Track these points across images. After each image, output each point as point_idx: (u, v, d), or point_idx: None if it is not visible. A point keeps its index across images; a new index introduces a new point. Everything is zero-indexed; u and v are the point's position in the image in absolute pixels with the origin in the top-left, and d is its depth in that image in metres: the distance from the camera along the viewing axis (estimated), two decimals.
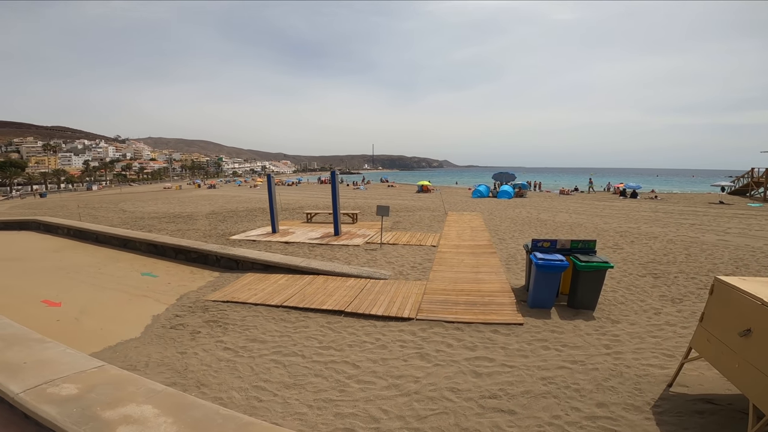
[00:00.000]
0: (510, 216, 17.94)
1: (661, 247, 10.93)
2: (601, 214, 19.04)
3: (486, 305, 6.35)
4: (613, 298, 6.79)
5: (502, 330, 5.49)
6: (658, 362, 4.49)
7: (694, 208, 22.05)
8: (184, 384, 4.22)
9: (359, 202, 25.89)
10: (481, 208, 21.89)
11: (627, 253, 10.14)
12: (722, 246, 11.05)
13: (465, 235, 12.58)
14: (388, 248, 10.89)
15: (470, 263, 9.00)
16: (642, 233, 13.17)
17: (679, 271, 8.50)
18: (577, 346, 5.00)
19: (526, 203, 24.94)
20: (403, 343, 5.19)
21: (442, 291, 7.11)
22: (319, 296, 6.95)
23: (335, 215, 12.75)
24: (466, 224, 14.89)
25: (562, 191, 36.72)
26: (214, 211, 22.40)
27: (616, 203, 25.14)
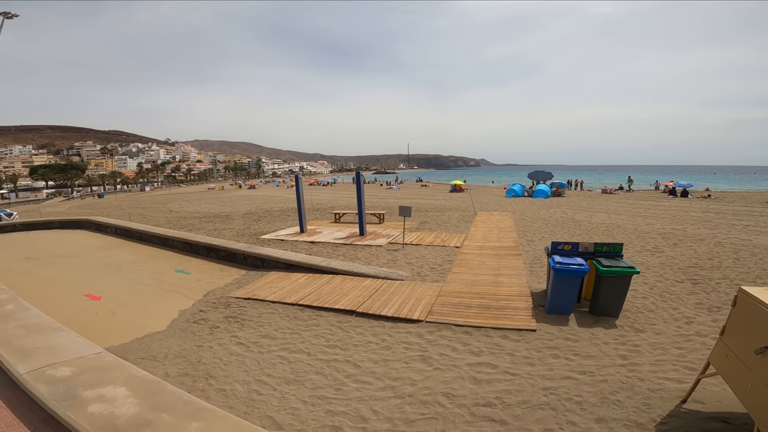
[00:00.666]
0: (543, 216, 17.28)
1: (707, 250, 10.12)
2: (644, 214, 17.90)
3: (500, 309, 6.16)
4: (642, 305, 6.36)
5: (513, 336, 5.31)
6: (677, 376, 4.16)
7: (751, 207, 20.23)
8: (195, 375, 4.47)
9: (390, 202, 25.92)
10: (513, 208, 21.25)
11: (667, 257, 9.47)
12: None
13: (491, 236, 12.26)
14: (411, 249, 10.84)
15: (491, 265, 8.76)
16: (687, 235, 12.25)
17: (723, 276, 7.83)
18: (591, 355, 4.73)
19: (562, 203, 23.91)
20: (408, 345, 5.17)
21: (457, 293, 6.97)
22: (334, 296, 7.06)
23: (360, 215, 12.84)
24: (494, 225, 14.51)
25: (604, 190, 34.90)
26: (251, 211, 23.26)
27: (664, 203, 23.54)
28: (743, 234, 12.38)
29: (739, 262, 8.85)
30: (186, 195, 49.65)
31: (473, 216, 17.45)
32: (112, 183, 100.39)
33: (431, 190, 41.29)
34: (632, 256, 9.69)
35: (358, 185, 12.87)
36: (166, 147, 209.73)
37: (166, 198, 44.16)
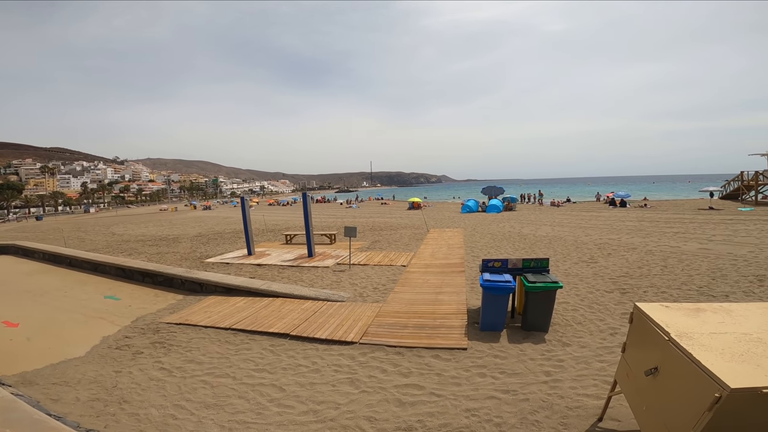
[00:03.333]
0: (492, 231, 17.71)
1: (638, 259, 10.67)
2: (585, 225, 18.80)
3: (435, 328, 6.11)
4: (572, 318, 6.51)
5: (444, 355, 5.26)
6: (596, 392, 4.19)
7: (682, 215, 21.80)
8: (107, 400, 4.41)
9: (347, 222, 25.72)
10: (466, 223, 21.68)
11: (600, 267, 9.88)
12: (702, 255, 10.77)
13: (439, 253, 12.34)
14: (358, 269, 10.70)
15: (434, 283, 8.75)
16: (621, 245, 12.91)
17: (650, 285, 8.22)
18: (516, 373, 4.73)
19: (512, 217, 24.72)
20: (339, 367, 5.06)
21: (395, 314, 6.89)
22: (270, 319, 6.92)
23: (308, 237, 12.60)
24: (444, 242, 14.66)
25: (553, 203, 36.53)
26: (201, 233, 22.39)
27: (604, 213, 24.92)
28: (673, 241, 13.21)
29: (666, 270, 9.36)
30: (134, 217, 47.00)
31: (426, 233, 17.59)
32: (53, 204, 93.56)
33: (390, 208, 41.50)
34: (569, 267, 10.04)
35: (305, 206, 12.64)
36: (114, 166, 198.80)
37: (112, 220, 41.61)
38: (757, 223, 17.66)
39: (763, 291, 7.44)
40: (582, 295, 7.66)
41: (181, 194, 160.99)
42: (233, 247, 15.71)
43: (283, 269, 11.16)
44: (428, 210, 34.85)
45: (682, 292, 7.61)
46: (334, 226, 21.92)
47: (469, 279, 9.14)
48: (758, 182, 28.43)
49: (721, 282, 8.17)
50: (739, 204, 27.94)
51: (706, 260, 10.16)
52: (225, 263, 12.22)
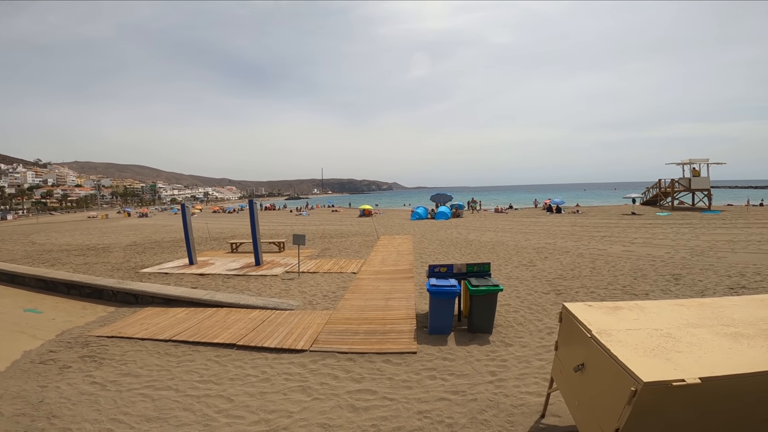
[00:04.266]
0: (440, 238, 18.25)
1: (571, 261, 11.50)
2: (525, 231, 19.96)
3: (385, 334, 6.18)
4: (513, 319, 6.87)
5: (395, 360, 5.34)
6: (537, 389, 4.43)
7: (609, 220, 23.84)
8: (34, 415, 4.15)
9: (296, 229, 25.24)
10: (415, 230, 22.14)
11: (538, 270, 10.53)
12: (626, 257, 11.84)
13: (389, 260, 12.50)
14: (307, 277, 10.57)
15: (384, 289, 8.85)
16: (557, 248, 13.86)
17: (581, 285, 8.89)
18: (464, 374, 4.90)
19: (459, 224, 25.64)
20: (289, 375, 4.98)
21: (346, 320, 6.89)
22: (215, 329, 6.65)
23: (255, 245, 12.22)
24: (394, 248, 14.87)
25: (497, 210, 38.35)
26: (136, 242, 20.91)
27: (542, 219, 26.62)
28: (600, 244, 14.41)
29: (595, 271, 10.18)
30: (58, 225, 42.76)
31: (376, 240, 17.73)
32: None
33: (341, 216, 41.32)
34: (510, 271, 10.60)
35: (251, 213, 12.26)
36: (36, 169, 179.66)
37: (32, 228, 37.60)
38: (672, 226, 19.75)
39: (678, 289, 8.30)
40: (522, 297, 8.12)
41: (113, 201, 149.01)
42: (173, 257, 14.87)
43: (229, 278, 10.76)
44: (379, 217, 35.16)
45: (609, 292, 8.31)
46: (284, 234, 21.44)
47: (418, 284, 9.35)
48: (674, 189, 31.84)
49: (641, 281, 9.02)
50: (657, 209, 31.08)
51: (629, 261, 11.19)
52: (164, 273, 11.54)
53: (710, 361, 2.31)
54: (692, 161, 31.39)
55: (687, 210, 30.04)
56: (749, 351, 2.39)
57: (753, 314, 2.93)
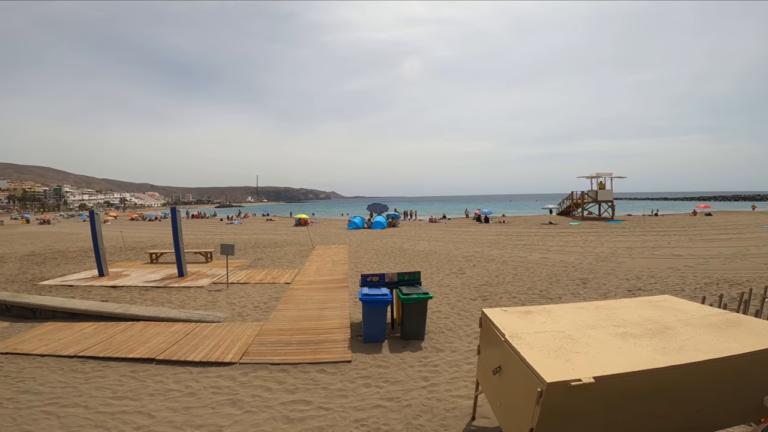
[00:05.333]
0: (375, 247, 18.47)
1: (496, 269, 12.27)
2: (456, 240, 20.92)
3: (319, 344, 6.14)
4: (444, 325, 7.15)
5: (329, 369, 5.32)
6: (467, 392, 4.62)
7: (529, 229, 25.83)
8: None
9: (226, 239, 23.98)
10: (351, 240, 22.18)
11: (467, 278, 11.08)
12: (543, 264, 12.90)
13: (324, 269, 12.38)
14: (237, 288, 10.11)
15: (318, 299, 8.75)
16: (484, 256, 14.71)
17: (504, 291, 9.51)
18: (398, 380, 5.00)
19: (395, 233, 26.16)
20: (218, 389, 4.77)
21: (278, 331, 6.72)
22: (130, 344, 6.19)
23: (178, 255, 11.42)
24: (329, 258, 14.76)
25: (431, 219, 39.72)
26: (35, 251, 18.54)
27: (472, 228, 28.10)
28: (522, 252, 15.55)
29: (517, 277, 10.95)
30: None
31: (311, 250, 17.46)
32: None
33: (276, 225, 40.05)
34: (442, 278, 11.04)
35: (173, 221, 11.46)
36: None
37: None
38: (582, 234, 21.91)
39: (586, 292, 9.21)
40: (452, 304, 8.49)
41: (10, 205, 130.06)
42: (79, 268, 13.42)
43: (147, 291, 9.97)
44: (315, 227, 34.66)
45: (528, 296, 8.99)
46: (212, 244, 20.25)
47: (353, 294, 9.36)
48: (584, 201, 35.39)
49: (556, 286, 9.89)
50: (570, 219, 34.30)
51: (545, 268, 12.21)
52: (68, 286, 10.43)
53: (603, 361, 2.47)
54: (599, 175, 35.22)
55: (594, 219, 33.55)
56: (636, 350, 2.65)
57: (640, 315, 3.30)
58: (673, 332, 2.90)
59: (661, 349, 2.65)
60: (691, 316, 3.21)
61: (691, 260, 12.77)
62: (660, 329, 2.96)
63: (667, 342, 2.75)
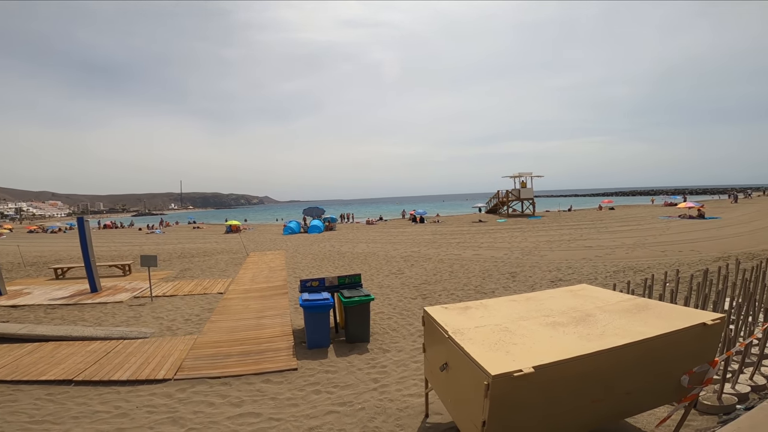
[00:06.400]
0: (313, 251, 18.18)
1: (433, 267, 12.68)
2: (393, 241, 21.29)
3: (261, 353, 5.92)
4: (387, 325, 7.23)
5: (275, 378, 5.16)
6: (417, 390, 4.66)
7: (462, 228, 27.11)
8: None
9: (148, 249, 22.02)
10: (288, 245, 21.58)
11: (406, 277, 11.32)
12: (476, 260, 13.58)
13: (260, 277, 11.90)
14: (163, 301, 9.37)
15: (256, 308, 8.41)
16: (421, 256, 15.14)
17: (443, 288, 9.85)
18: (348, 384, 4.97)
19: (332, 236, 25.95)
20: (153, 408, 4.44)
21: (215, 344, 6.37)
22: (40, 366, 5.58)
23: (89, 268, 10.29)
24: (265, 265, 14.22)
25: (368, 222, 40.00)
26: None
27: (408, 229, 28.79)
28: (456, 250, 16.25)
29: (453, 275, 11.40)
30: None
31: (245, 257, 16.68)
32: None
33: (204, 233, 37.58)
34: (382, 280, 11.17)
35: (81, 233, 10.28)
36: None
37: None
38: (508, 231, 23.49)
39: (516, 285, 9.84)
40: (394, 304, 8.61)
41: None
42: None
43: (54, 309, 8.93)
44: (249, 233, 33.16)
45: (465, 292, 9.41)
46: (130, 255, 18.46)
47: (293, 300, 9.11)
48: (508, 199, 37.95)
49: (488, 280, 10.46)
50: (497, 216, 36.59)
51: (478, 264, 12.88)
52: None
53: (538, 351, 2.58)
54: (520, 174, 38.01)
55: (518, 216, 36.17)
56: (564, 338, 2.82)
57: (565, 304, 3.56)
58: (593, 319, 3.13)
59: (586, 335, 2.82)
60: (607, 303, 3.50)
61: (601, 251, 14.26)
62: (582, 317, 3.19)
63: (590, 329, 2.93)
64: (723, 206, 37.05)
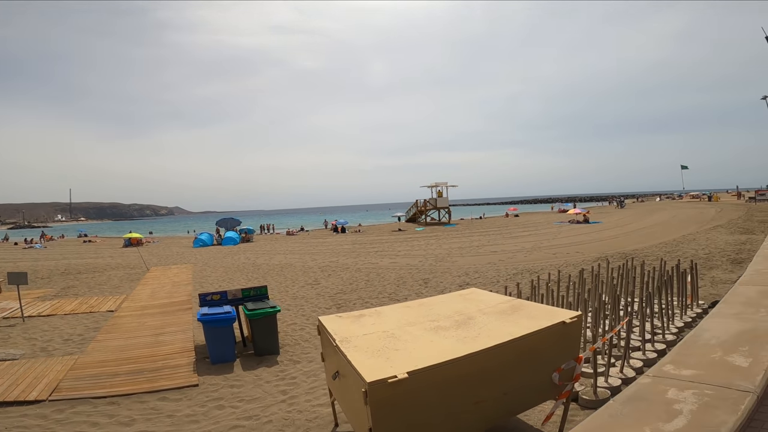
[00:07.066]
0: (226, 264, 17.24)
1: (350, 276, 12.77)
2: (313, 251, 21.03)
3: (157, 371, 5.57)
4: (300, 336, 7.12)
5: (173, 396, 4.86)
6: (327, 400, 4.54)
7: (382, 237, 27.72)
8: None
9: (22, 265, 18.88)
10: (198, 258, 20.18)
11: (322, 287, 11.24)
12: (392, 268, 13.96)
13: (161, 292, 10.99)
14: (38, 321, 8.39)
15: (154, 325, 7.86)
16: (339, 265, 15.16)
17: (358, 297, 9.94)
18: (255, 398, 4.82)
19: (249, 248, 24.83)
20: (25, 429, 4.10)
21: (100, 363, 5.87)
22: None
23: None
24: (168, 279, 13.15)
25: (288, 232, 38.95)
26: None
27: (329, 239, 28.65)
28: (374, 259, 16.56)
29: (369, 283, 11.57)
30: None
31: (145, 273, 15.20)
32: None
33: (97, 247, 33.37)
34: (297, 290, 10.97)
35: None
36: None
37: None
38: (425, 239, 24.56)
39: (427, 290, 10.22)
40: (307, 315, 8.51)
41: None
42: None
43: None
44: (153, 247, 30.26)
45: (379, 300, 9.59)
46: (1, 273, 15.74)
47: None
48: (426, 208, 39.69)
49: (402, 287, 10.79)
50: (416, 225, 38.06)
51: (394, 271, 13.25)
52: None
53: (417, 356, 2.60)
54: (437, 184, 40.06)
55: (435, 224, 37.97)
56: (443, 342, 2.91)
57: (452, 308, 3.71)
58: (473, 322, 3.29)
59: (462, 338, 2.90)
60: (488, 305, 3.72)
61: (504, 255, 15.58)
62: (464, 320, 3.34)
63: (468, 331, 3.03)
64: (606, 211, 42.92)
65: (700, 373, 2.36)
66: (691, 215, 28.22)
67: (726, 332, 3.08)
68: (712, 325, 3.19)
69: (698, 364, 2.53)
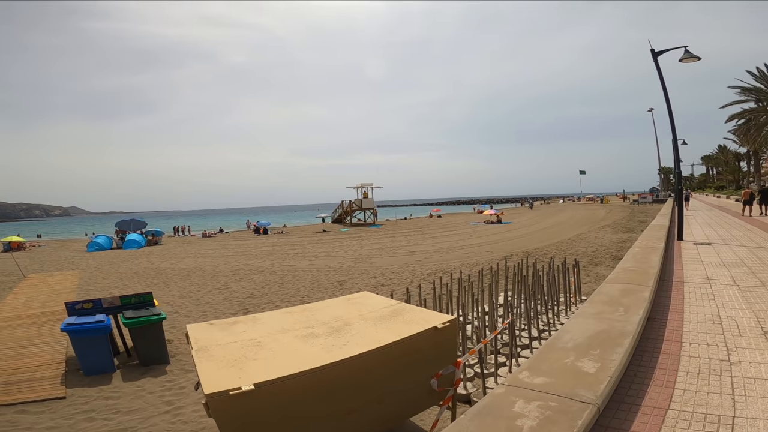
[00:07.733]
0: (123, 269, 15.66)
1: (264, 279, 12.29)
2: (227, 254, 19.93)
3: (17, 384, 5.10)
4: None
5: (34, 409, 4.46)
6: None
7: (304, 238, 27.19)
8: None
9: None
10: (90, 263, 18.07)
11: (231, 292, 10.66)
12: (309, 270, 13.69)
13: (36, 302, 9.73)
14: None
15: (21, 336, 7.05)
16: (254, 268, 14.53)
17: (268, 302, 9.53)
18: (134, 409, 4.47)
19: (154, 252, 22.82)
20: None
21: None
22: None
23: None
24: (47, 288, 11.60)
25: (204, 234, 36.56)
26: None
27: (248, 241, 27.40)
28: (293, 261, 16.15)
29: (282, 286, 11.20)
30: None
31: (20, 280, 13.22)
32: None
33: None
34: (202, 296, 10.30)
35: None
36: None
37: None
38: (348, 240, 24.56)
39: (341, 292, 10.05)
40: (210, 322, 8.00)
41: None
42: None
43: None
44: (37, 251, 26.46)
45: (290, 303, 9.26)
46: None
47: None
48: (351, 209, 39.77)
49: (317, 290, 10.56)
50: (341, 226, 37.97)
51: (310, 274, 13.01)
52: None
53: (275, 365, 2.51)
54: (362, 185, 40.37)
55: (361, 225, 38.25)
56: (308, 351, 2.79)
57: (335, 313, 3.62)
58: (348, 328, 3.21)
59: (330, 347, 2.81)
60: (371, 310, 3.67)
61: (422, 255, 16.08)
62: (341, 326, 3.26)
63: (338, 339, 2.95)
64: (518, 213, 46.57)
65: (550, 381, 2.33)
66: (585, 216, 31.78)
67: (583, 334, 3.10)
68: (573, 325, 3.36)
69: (550, 370, 2.50)
